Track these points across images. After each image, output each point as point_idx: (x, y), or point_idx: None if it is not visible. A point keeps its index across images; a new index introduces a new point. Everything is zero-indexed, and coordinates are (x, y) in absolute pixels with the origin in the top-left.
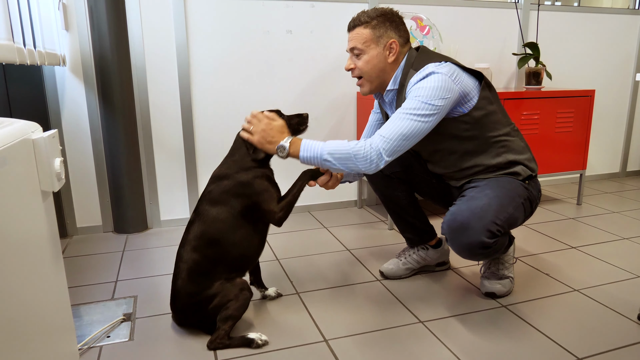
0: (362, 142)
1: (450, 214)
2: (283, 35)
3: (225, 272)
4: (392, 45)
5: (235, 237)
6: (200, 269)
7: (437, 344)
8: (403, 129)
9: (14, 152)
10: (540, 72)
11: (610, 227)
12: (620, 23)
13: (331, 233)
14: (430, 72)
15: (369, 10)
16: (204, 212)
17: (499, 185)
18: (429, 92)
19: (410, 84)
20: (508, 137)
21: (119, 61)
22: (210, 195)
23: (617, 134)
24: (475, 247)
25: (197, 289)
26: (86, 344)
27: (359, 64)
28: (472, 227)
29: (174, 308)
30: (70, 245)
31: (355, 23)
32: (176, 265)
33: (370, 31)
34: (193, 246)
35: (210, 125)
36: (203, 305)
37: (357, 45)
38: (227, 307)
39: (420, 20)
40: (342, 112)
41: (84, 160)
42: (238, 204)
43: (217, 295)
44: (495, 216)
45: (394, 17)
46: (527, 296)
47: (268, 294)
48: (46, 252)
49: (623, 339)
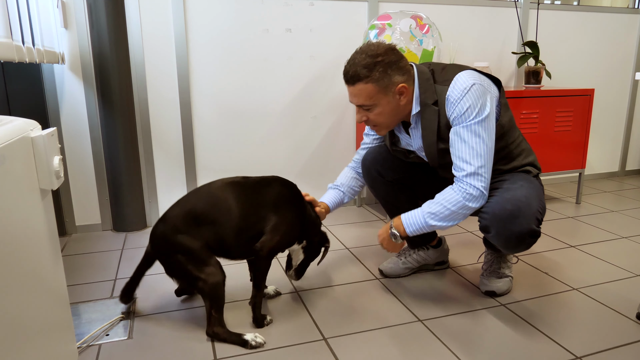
0: (459, 193)
1: (494, 203)
2: (282, 33)
3: (210, 244)
4: (402, 90)
5: (232, 229)
6: (197, 218)
7: (436, 342)
8: (481, 149)
9: (12, 150)
10: (539, 71)
11: (609, 226)
12: (620, 22)
13: (330, 232)
14: (469, 84)
15: (363, 57)
16: (234, 188)
17: (522, 178)
18: (475, 101)
19: (450, 100)
20: (521, 141)
21: (118, 59)
22: (248, 181)
23: (617, 133)
24: (525, 236)
25: (182, 228)
26: (85, 342)
27: (371, 117)
28: (523, 215)
29: (153, 231)
30: (69, 243)
31: (354, 79)
32: (184, 197)
33: (374, 85)
34: (206, 198)
35: (209, 123)
36: (173, 247)
37: (364, 103)
38: (201, 289)
39: (420, 18)
40: (342, 111)
41: (83, 159)
42: (253, 208)
43: (189, 253)
44: (538, 205)
45: (392, 55)
46: (526, 295)
47: (267, 292)
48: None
49: (622, 337)
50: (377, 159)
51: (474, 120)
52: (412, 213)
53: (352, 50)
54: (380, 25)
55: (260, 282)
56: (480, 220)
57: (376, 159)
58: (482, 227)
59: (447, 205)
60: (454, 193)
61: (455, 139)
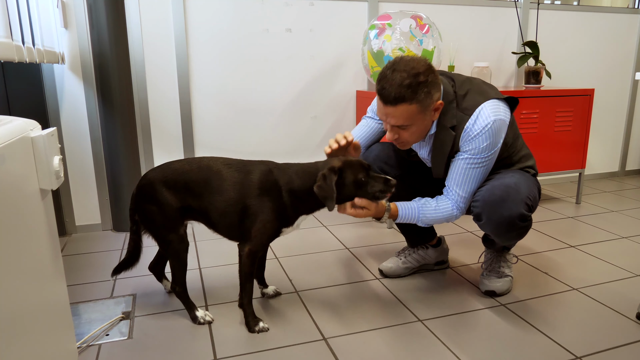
0: (450, 208)
1: (484, 190)
2: (282, 33)
3: (188, 209)
4: (438, 107)
5: (219, 209)
6: (187, 184)
7: (436, 342)
8: (477, 181)
9: (12, 150)
10: (539, 71)
11: (609, 226)
12: (620, 22)
13: (330, 232)
14: (491, 121)
15: (405, 76)
16: (227, 169)
17: (519, 172)
18: (490, 141)
19: (468, 133)
20: (522, 148)
21: (118, 59)
22: (239, 165)
23: (617, 133)
24: (515, 219)
25: (170, 183)
26: (85, 342)
27: (403, 135)
28: (511, 199)
29: (145, 174)
30: (69, 243)
31: (397, 100)
32: (186, 160)
33: (418, 106)
34: (205, 172)
35: (209, 123)
36: (154, 194)
37: (403, 123)
38: (164, 249)
39: (420, 18)
40: (342, 110)
41: (83, 158)
42: (241, 198)
43: (163, 208)
44: (528, 192)
45: (432, 75)
46: (526, 295)
47: (267, 292)
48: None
49: (622, 337)
50: (380, 156)
51: (482, 157)
52: (409, 208)
53: (352, 50)
54: (380, 25)
55: (244, 282)
56: (473, 208)
57: (379, 155)
58: (474, 216)
59: (441, 214)
60: (448, 208)
61: (459, 166)
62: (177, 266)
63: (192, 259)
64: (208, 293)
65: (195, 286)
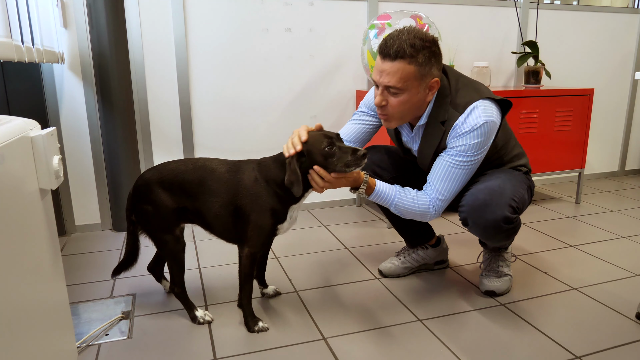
0: (427, 204)
1: (468, 195)
2: (282, 33)
3: (184, 211)
4: (434, 85)
5: (213, 213)
6: (183, 185)
7: (436, 342)
8: (459, 182)
9: (12, 150)
10: (539, 70)
11: (609, 225)
12: (620, 22)
13: (330, 231)
14: (481, 122)
15: (411, 36)
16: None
17: (506, 172)
18: (479, 141)
19: (457, 130)
20: (513, 147)
21: (118, 59)
22: (230, 165)
23: (616, 133)
24: (500, 222)
25: (166, 184)
26: (85, 342)
27: (392, 102)
28: (494, 203)
29: (141, 174)
30: (68, 243)
31: (397, 54)
32: (183, 160)
33: (416, 68)
34: (201, 172)
35: (209, 123)
36: (150, 194)
37: (395, 85)
38: (160, 250)
39: (420, 18)
40: (342, 110)
41: (83, 158)
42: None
43: (159, 208)
44: (513, 193)
45: (437, 48)
46: (526, 294)
47: (267, 292)
48: (45, 250)
49: (621, 337)
50: (372, 159)
51: (468, 156)
52: (387, 187)
53: (352, 50)
54: (380, 25)
55: (244, 283)
56: (459, 214)
57: (371, 159)
58: (462, 221)
59: (415, 209)
60: (426, 202)
61: (444, 163)
62: (174, 267)
63: (191, 258)
64: (208, 293)
65: (195, 286)
